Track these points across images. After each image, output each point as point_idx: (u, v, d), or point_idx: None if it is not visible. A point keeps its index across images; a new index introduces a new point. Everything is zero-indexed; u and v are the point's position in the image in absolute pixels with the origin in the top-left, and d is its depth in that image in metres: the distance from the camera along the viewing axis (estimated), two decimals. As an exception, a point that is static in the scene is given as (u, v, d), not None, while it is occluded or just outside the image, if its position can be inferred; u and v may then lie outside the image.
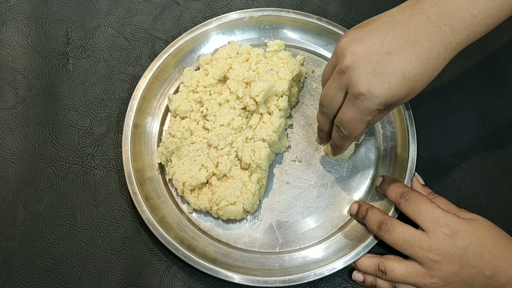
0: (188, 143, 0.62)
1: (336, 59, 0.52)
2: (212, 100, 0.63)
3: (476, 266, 0.53)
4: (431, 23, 0.49)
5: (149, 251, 0.61)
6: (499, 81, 0.68)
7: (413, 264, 0.55)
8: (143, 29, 0.71)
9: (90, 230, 0.62)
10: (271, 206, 0.63)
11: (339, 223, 0.62)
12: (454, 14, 0.49)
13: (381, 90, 0.48)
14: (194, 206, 0.61)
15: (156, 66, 0.66)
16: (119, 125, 0.66)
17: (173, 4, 0.73)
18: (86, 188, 0.63)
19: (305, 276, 0.57)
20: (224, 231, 0.62)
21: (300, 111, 0.67)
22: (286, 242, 0.61)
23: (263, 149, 0.60)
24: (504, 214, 0.62)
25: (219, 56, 0.66)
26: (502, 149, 0.65)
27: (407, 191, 0.57)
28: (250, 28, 0.70)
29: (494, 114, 0.67)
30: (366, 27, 0.51)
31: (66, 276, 0.60)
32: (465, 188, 0.64)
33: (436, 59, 0.50)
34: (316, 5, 0.72)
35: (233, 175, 0.60)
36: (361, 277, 0.58)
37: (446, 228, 0.54)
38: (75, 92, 0.68)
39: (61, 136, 0.66)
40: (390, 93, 0.48)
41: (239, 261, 0.59)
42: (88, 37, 0.71)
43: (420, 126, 0.65)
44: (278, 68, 0.65)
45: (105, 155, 0.65)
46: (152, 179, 0.63)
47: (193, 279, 0.60)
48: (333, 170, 0.64)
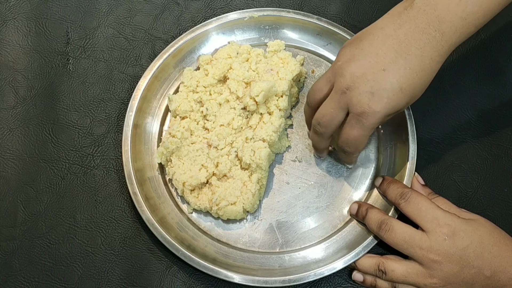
0: (188, 143, 0.62)
1: (333, 76, 0.54)
2: (212, 100, 0.63)
3: (476, 266, 0.53)
4: (421, 30, 0.50)
5: (149, 251, 0.61)
6: (499, 81, 0.68)
7: (413, 264, 0.55)
8: (143, 29, 0.71)
9: (90, 230, 0.62)
10: (271, 206, 0.63)
11: (339, 223, 0.62)
12: (443, 19, 0.50)
13: (381, 105, 0.51)
14: (194, 206, 0.61)
15: (156, 66, 0.66)
16: (119, 125, 0.66)
17: (173, 4, 0.73)
18: (86, 188, 0.63)
19: (305, 276, 0.57)
20: (224, 231, 0.62)
21: (300, 111, 0.67)
22: (286, 242, 0.61)
23: (263, 149, 0.60)
24: (504, 214, 0.62)
25: (219, 56, 0.66)
26: (502, 149, 0.65)
27: (407, 191, 0.57)
28: (250, 28, 0.70)
29: (494, 114, 0.67)
30: (360, 44, 0.53)
31: (66, 276, 0.60)
32: (465, 188, 0.64)
33: (430, 65, 0.51)
34: (316, 5, 0.72)
35: (233, 175, 0.60)
36: (361, 277, 0.58)
37: (446, 228, 0.54)
38: (75, 92, 0.68)
39: (61, 136, 0.66)
40: (390, 106, 0.51)
41: (239, 261, 0.59)
42: (88, 37, 0.71)
43: (420, 126, 0.65)
44: (278, 68, 0.64)
45: (105, 155, 0.65)
46: (152, 179, 0.63)
47: (193, 279, 0.60)
48: (333, 170, 0.64)
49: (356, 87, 0.51)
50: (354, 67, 0.52)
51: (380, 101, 0.51)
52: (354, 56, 0.52)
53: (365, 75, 0.51)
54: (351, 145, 0.55)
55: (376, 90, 0.51)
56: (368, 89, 0.51)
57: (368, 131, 0.53)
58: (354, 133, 0.53)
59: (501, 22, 0.70)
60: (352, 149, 0.56)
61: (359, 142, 0.55)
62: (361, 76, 0.51)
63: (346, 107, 0.53)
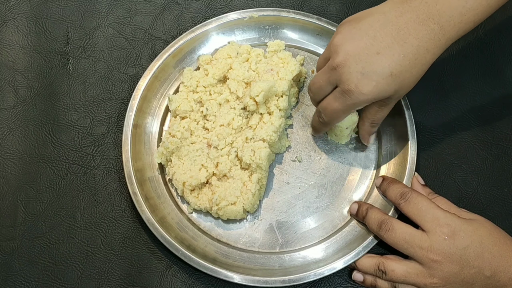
0: (188, 143, 0.62)
1: (329, 53, 0.55)
2: (212, 100, 0.63)
3: (476, 266, 0.53)
4: (421, 22, 0.51)
5: (149, 251, 0.61)
6: (499, 81, 0.68)
7: (413, 264, 0.55)
8: (143, 29, 0.71)
9: (90, 230, 0.62)
10: (271, 206, 0.63)
11: (339, 223, 0.62)
12: (443, 13, 0.51)
13: (368, 88, 0.51)
14: (194, 206, 0.61)
15: (156, 66, 0.66)
16: (119, 125, 0.66)
17: (173, 4, 0.73)
18: (86, 188, 0.63)
19: (305, 276, 0.57)
20: (224, 231, 0.62)
21: (300, 111, 0.67)
22: (286, 242, 0.61)
23: (263, 149, 0.60)
24: (504, 214, 0.62)
25: (219, 56, 0.66)
26: (502, 149, 0.65)
27: (407, 191, 0.57)
28: (250, 28, 0.70)
29: (494, 114, 0.67)
30: (359, 23, 0.53)
31: (66, 276, 0.60)
32: (465, 188, 0.64)
33: (425, 55, 0.52)
34: (316, 5, 0.72)
35: (233, 175, 0.60)
36: (361, 277, 0.58)
37: (446, 228, 0.54)
38: (75, 92, 0.68)
39: (61, 136, 0.66)
40: (377, 90, 0.52)
41: (239, 261, 0.59)
42: (88, 37, 0.71)
43: (420, 126, 0.65)
44: (278, 68, 0.65)
45: (105, 155, 0.65)
46: (152, 179, 0.63)
47: (193, 279, 0.60)
48: (333, 170, 0.64)
49: (347, 65, 0.52)
50: (349, 46, 0.52)
51: (368, 84, 0.51)
52: (352, 35, 0.53)
53: (358, 55, 0.52)
54: (327, 114, 0.57)
55: (367, 71, 0.51)
56: (359, 69, 0.51)
57: (348, 109, 0.55)
58: (335, 105, 0.55)
59: (500, 21, 0.71)
60: (327, 118, 0.57)
61: (336, 115, 0.56)
62: (354, 55, 0.52)
63: (335, 83, 0.54)
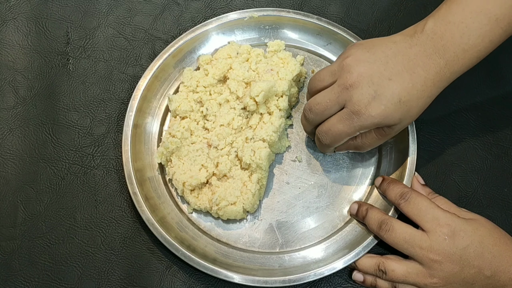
0: (188, 143, 0.62)
1: (340, 71, 0.55)
2: (212, 100, 0.63)
3: (477, 266, 0.53)
4: (428, 55, 0.53)
5: (149, 251, 0.61)
6: (499, 81, 0.68)
7: (413, 264, 0.55)
8: (143, 29, 0.71)
9: (90, 230, 0.62)
10: (271, 206, 0.63)
11: (339, 223, 0.62)
12: (448, 48, 0.53)
13: (377, 111, 0.52)
14: (194, 206, 0.61)
15: (156, 66, 0.66)
16: (119, 125, 0.66)
17: (173, 4, 0.73)
18: (86, 188, 0.63)
19: (305, 276, 0.57)
20: (224, 231, 0.62)
21: (300, 111, 0.67)
22: (286, 242, 0.61)
23: (263, 149, 0.60)
24: (504, 214, 0.62)
25: (219, 56, 0.66)
26: (502, 149, 0.65)
27: (407, 191, 0.57)
28: (250, 28, 0.70)
29: (494, 114, 0.67)
30: (373, 48, 0.55)
31: (66, 276, 0.60)
32: (465, 188, 0.64)
33: (431, 88, 0.54)
34: (316, 5, 0.72)
35: (233, 175, 0.60)
36: (361, 277, 0.58)
37: (446, 228, 0.54)
38: (75, 92, 0.68)
39: (61, 136, 0.66)
40: (385, 114, 0.53)
41: (239, 261, 0.59)
42: (88, 37, 0.71)
43: (420, 126, 0.65)
44: (278, 68, 0.65)
45: (105, 155, 0.65)
46: (152, 179, 0.63)
47: (193, 279, 0.60)
48: (333, 170, 0.64)
49: (360, 86, 0.53)
50: (363, 68, 0.53)
51: (377, 107, 0.52)
52: (366, 58, 0.54)
53: (371, 78, 0.53)
54: (329, 136, 0.56)
55: (378, 94, 0.52)
56: (371, 92, 0.52)
57: (353, 131, 0.54)
58: (339, 127, 0.55)
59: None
60: (328, 141, 0.57)
61: (338, 138, 0.56)
62: (367, 78, 0.53)
63: (343, 103, 0.54)
